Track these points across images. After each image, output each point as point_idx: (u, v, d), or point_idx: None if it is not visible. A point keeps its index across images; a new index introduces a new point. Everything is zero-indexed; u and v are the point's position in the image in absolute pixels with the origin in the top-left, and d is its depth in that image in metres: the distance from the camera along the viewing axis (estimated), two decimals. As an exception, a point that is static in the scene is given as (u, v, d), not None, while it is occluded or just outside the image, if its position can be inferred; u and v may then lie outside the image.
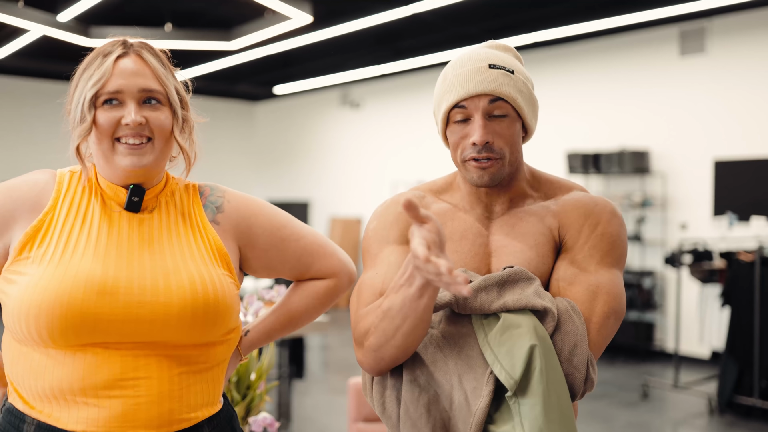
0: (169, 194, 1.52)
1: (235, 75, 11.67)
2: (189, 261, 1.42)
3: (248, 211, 1.57)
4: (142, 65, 1.44)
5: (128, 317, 1.33)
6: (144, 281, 1.36)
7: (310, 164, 13.68)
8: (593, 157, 8.60)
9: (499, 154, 1.42)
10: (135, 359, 1.35)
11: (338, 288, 1.69)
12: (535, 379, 1.26)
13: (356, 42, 9.00)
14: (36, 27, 7.59)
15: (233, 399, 2.31)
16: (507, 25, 8.43)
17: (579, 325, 1.33)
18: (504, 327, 1.31)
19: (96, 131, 1.40)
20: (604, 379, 7.26)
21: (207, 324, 1.39)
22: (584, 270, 1.41)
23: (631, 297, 8.23)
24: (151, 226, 1.45)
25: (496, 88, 1.41)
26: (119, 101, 1.40)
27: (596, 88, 9.08)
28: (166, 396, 1.37)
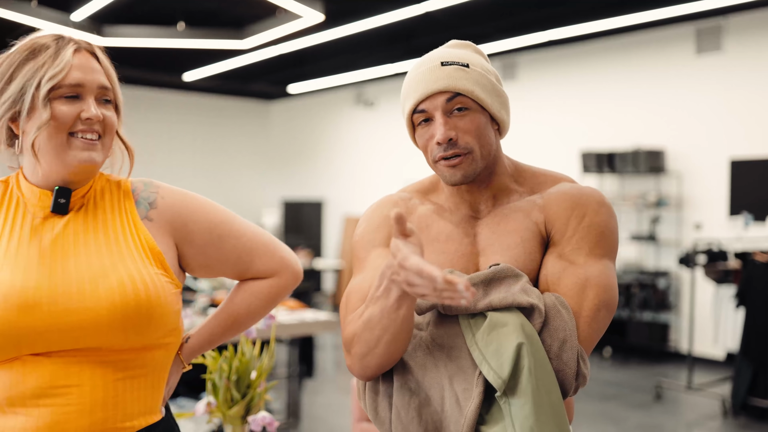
0: (98, 193, 1.46)
1: (249, 74, 11.69)
2: (118, 262, 1.36)
3: (183, 207, 1.50)
4: (96, 62, 1.42)
5: (54, 327, 1.28)
6: (69, 287, 1.31)
7: (324, 163, 13.68)
8: (608, 156, 8.54)
9: (465, 149, 1.40)
10: (66, 367, 1.30)
11: (282, 287, 1.62)
12: (524, 378, 1.24)
13: (370, 41, 8.99)
14: (49, 26, 7.63)
15: (233, 398, 2.30)
16: (519, 23, 8.38)
17: (568, 320, 1.30)
18: (491, 326, 1.29)
19: (51, 125, 1.34)
20: (617, 380, 7.21)
21: (141, 326, 1.33)
22: (572, 263, 1.37)
23: (645, 297, 8.17)
24: (76, 229, 1.39)
25: (450, 83, 1.39)
26: (78, 95, 1.36)
27: (611, 87, 9.02)
28: (99, 404, 1.32)
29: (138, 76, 12.26)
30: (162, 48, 8.89)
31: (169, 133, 13.77)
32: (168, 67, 11.31)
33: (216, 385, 2.28)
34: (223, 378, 2.27)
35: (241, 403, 2.29)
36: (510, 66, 10.13)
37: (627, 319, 8.40)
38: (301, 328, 4.91)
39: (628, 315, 8.37)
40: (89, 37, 6.42)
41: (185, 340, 1.59)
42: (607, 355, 8.40)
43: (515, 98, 10.27)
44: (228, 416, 2.30)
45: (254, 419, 2.29)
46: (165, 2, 7.97)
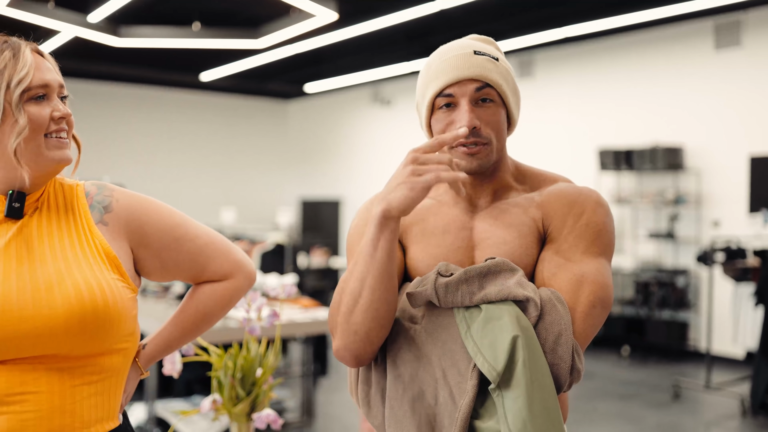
0: (52, 197, 1.44)
1: (266, 73, 11.72)
2: (74, 268, 1.35)
3: (139, 209, 1.49)
4: (49, 63, 1.41)
5: (9, 335, 1.26)
6: (24, 294, 1.29)
7: (341, 162, 13.69)
8: (625, 153, 8.47)
9: (486, 140, 1.41)
10: (22, 374, 1.29)
11: (236, 289, 1.62)
12: (519, 371, 1.23)
13: (386, 39, 8.98)
14: (67, 28, 7.68)
15: (238, 395, 2.30)
16: (536, 20, 8.34)
17: (563, 315, 1.30)
18: (486, 319, 1.28)
19: (29, 128, 1.33)
20: (635, 379, 7.16)
21: (99, 332, 1.32)
22: (569, 259, 1.37)
23: (663, 296, 8.10)
24: (30, 234, 1.37)
25: (483, 73, 1.40)
26: (46, 96, 1.37)
27: (629, 84, 8.95)
28: (57, 411, 1.31)
29: (155, 76, 12.34)
30: (178, 48, 8.93)
31: (187, 132, 13.84)
32: (185, 67, 11.36)
33: (221, 383, 2.29)
34: (228, 375, 2.28)
35: (246, 400, 2.29)
36: (527, 63, 10.09)
37: (645, 317, 8.33)
38: (315, 326, 4.91)
39: (647, 314, 8.31)
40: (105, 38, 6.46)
41: (142, 347, 1.58)
42: (626, 354, 8.33)
43: (532, 96, 10.26)
44: (233, 413, 2.30)
45: (259, 416, 2.30)
46: (180, 3, 8.01)
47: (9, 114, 1.31)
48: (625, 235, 8.97)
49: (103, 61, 10.90)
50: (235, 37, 8.33)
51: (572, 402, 6.32)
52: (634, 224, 8.85)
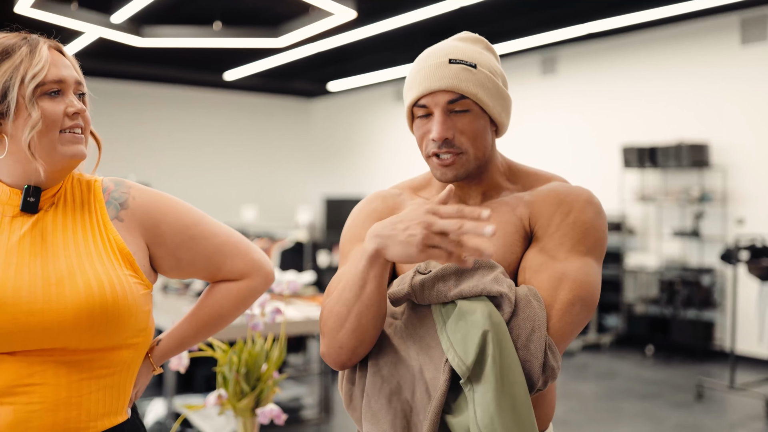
0: (69, 192, 1.46)
1: (289, 72, 11.75)
2: (86, 262, 1.36)
3: (155, 207, 1.50)
4: (67, 60, 1.43)
5: (17, 328, 1.28)
6: (34, 288, 1.30)
7: (365, 160, 13.70)
8: (649, 150, 8.38)
9: (460, 149, 1.40)
10: (30, 366, 1.31)
11: (252, 289, 1.62)
12: (488, 367, 1.22)
13: (407, 37, 8.95)
14: (91, 28, 7.75)
15: (242, 390, 2.31)
16: (559, 16, 8.27)
17: (538, 311, 1.29)
18: (459, 314, 1.28)
19: (43, 123, 1.35)
20: (659, 379, 7.08)
21: (108, 327, 1.33)
22: (552, 258, 1.36)
23: (688, 295, 8.00)
24: (44, 228, 1.39)
25: (455, 84, 1.38)
26: (60, 91, 1.38)
27: (653, 80, 8.85)
28: (62, 404, 1.32)
29: (179, 75, 12.43)
30: (201, 48, 8.98)
31: (212, 131, 13.93)
32: (208, 66, 11.43)
33: (226, 378, 2.30)
34: (233, 371, 2.29)
35: (251, 395, 2.30)
36: (549, 60, 10.02)
37: (670, 317, 8.23)
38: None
39: (672, 313, 8.21)
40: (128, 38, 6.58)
41: (156, 343, 1.59)
42: (650, 354, 8.24)
43: (555, 93, 10.19)
44: (238, 408, 2.31)
45: (262, 412, 2.30)
46: (201, 3, 8.05)
47: (23, 108, 1.33)
48: (649, 234, 8.88)
49: (128, 61, 11.00)
50: (256, 36, 8.37)
51: (594, 401, 6.28)
52: (658, 222, 8.75)
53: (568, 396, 6.50)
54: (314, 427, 5.32)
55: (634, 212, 9.01)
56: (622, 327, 8.80)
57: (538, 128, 10.14)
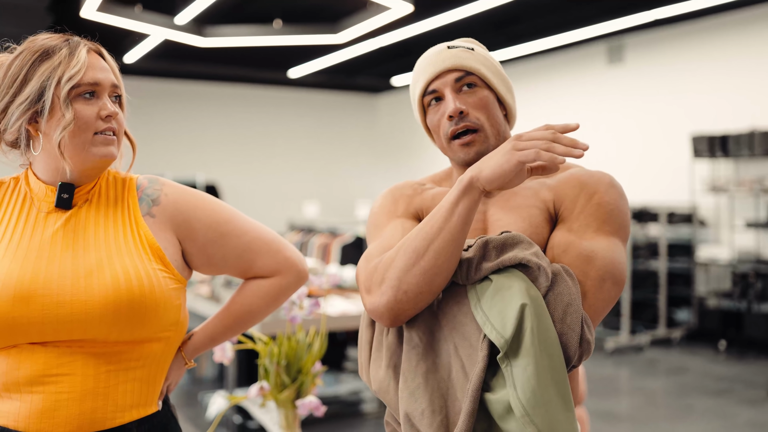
0: (103, 188, 1.50)
1: (353, 68, 11.81)
2: (115, 256, 1.39)
3: (186, 204, 1.52)
4: (106, 63, 1.46)
5: (47, 318, 1.32)
6: (64, 280, 1.34)
7: (429, 155, 13.67)
8: (721, 139, 8.14)
9: (476, 124, 1.46)
10: (59, 356, 1.34)
11: (284, 286, 1.63)
12: (527, 339, 1.23)
13: (470, 28, 8.88)
14: (155, 30, 7.92)
15: (283, 382, 2.33)
16: (624, 3, 8.09)
17: (572, 286, 1.30)
18: (495, 290, 1.29)
19: (74, 124, 1.38)
20: (730, 374, 6.88)
21: (134, 320, 1.36)
22: (580, 237, 1.38)
23: (763, 288, 7.76)
24: (77, 223, 1.43)
25: (458, 62, 1.47)
26: (95, 94, 1.41)
27: (724, 66, 8.59)
28: (89, 394, 1.35)
29: (243, 74, 12.62)
30: (263, 46, 9.09)
31: (277, 128, 14.11)
32: (272, 64, 11.57)
33: (267, 370, 2.32)
34: (274, 363, 2.31)
35: (292, 387, 2.32)
36: (616, 48, 9.82)
37: (744, 311, 7.98)
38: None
39: (745, 307, 7.96)
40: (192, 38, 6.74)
41: (188, 338, 1.62)
42: (722, 349, 8.01)
43: (622, 82, 10.00)
44: (279, 400, 2.34)
45: (302, 403, 2.32)
46: (261, 2, 8.15)
47: (57, 108, 1.37)
48: (721, 225, 8.62)
49: (192, 61, 11.21)
50: (316, 33, 8.43)
51: (664, 397, 6.14)
52: (730, 213, 8.49)
53: (636, 392, 6.38)
54: (373, 421, 5.33)
55: (705, 203, 8.77)
56: (693, 321, 8.57)
57: (605, 118, 9.96)
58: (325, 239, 8.17)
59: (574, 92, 10.46)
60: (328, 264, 7.54)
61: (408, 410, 1.33)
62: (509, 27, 9.13)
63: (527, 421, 1.19)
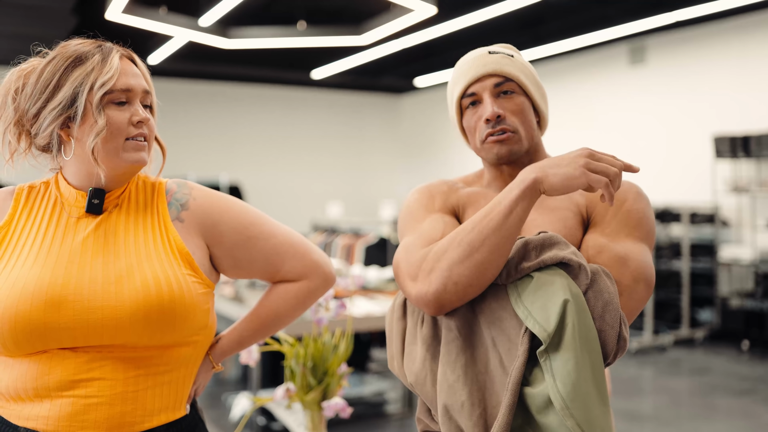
0: (133, 192, 1.51)
1: (377, 69, 11.81)
2: (145, 262, 1.40)
3: (214, 208, 1.54)
4: (139, 69, 1.47)
5: (78, 324, 1.33)
6: (95, 286, 1.35)
7: (453, 155, 13.66)
8: (743, 139, 8.10)
9: (512, 128, 1.51)
10: (89, 361, 1.35)
11: (311, 290, 1.65)
12: (568, 335, 1.27)
13: (495, 29, 8.88)
14: (180, 32, 7.99)
15: (309, 384, 2.35)
16: (648, 4, 8.06)
17: (610, 285, 1.35)
18: (537, 285, 1.33)
19: (106, 130, 1.40)
20: (754, 374, 6.86)
21: (164, 325, 1.37)
22: (613, 241, 1.43)
23: (786, 288, 7.71)
24: (108, 229, 1.44)
25: (498, 68, 1.52)
26: (127, 101, 1.42)
27: (746, 66, 8.54)
28: (119, 398, 1.36)
29: (267, 75, 12.66)
30: (287, 48, 9.13)
31: (302, 129, 14.14)
32: (296, 65, 11.60)
33: (293, 371, 2.35)
34: (300, 364, 2.34)
35: (318, 388, 2.35)
36: (639, 50, 9.79)
37: (766, 311, 7.95)
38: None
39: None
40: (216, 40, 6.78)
41: (216, 341, 1.62)
42: (745, 349, 7.98)
43: (644, 83, 9.94)
44: (305, 402, 2.37)
45: (328, 405, 2.35)
46: (285, 3, 8.19)
47: (90, 114, 1.39)
48: (743, 225, 8.58)
49: (217, 63, 11.27)
50: (340, 34, 8.46)
51: (688, 397, 6.14)
52: (752, 214, 8.44)
53: (660, 391, 6.38)
54: (398, 422, 5.37)
55: (728, 203, 8.73)
56: (716, 321, 8.54)
57: (627, 118, 9.93)
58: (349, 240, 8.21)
59: (597, 93, 10.43)
60: (352, 265, 7.58)
61: (447, 402, 1.36)
62: (533, 28, 9.12)
63: (567, 414, 1.22)
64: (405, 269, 1.43)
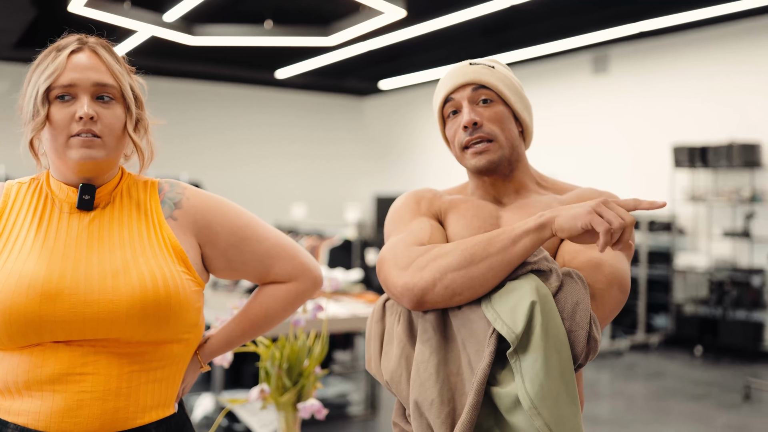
0: (125, 190, 1.51)
1: (341, 70, 11.82)
2: (140, 257, 1.40)
3: (207, 208, 1.54)
4: (96, 60, 1.42)
5: (74, 317, 1.32)
6: (91, 280, 1.35)
7: (416, 158, 13.72)
8: (701, 150, 8.29)
9: (490, 135, 1.54)
10: (83, 355, 1.35)
11: (300, 292, 1.66)
12: (536, 336, 1.29)
13: (460, 35, 8.95)
14: (143, 27, 7.90)
15: (284, 385, 2.36)
16: (611, 15, 8.20)
17: (581, 287, 1.37)
18: (507, 290, 1.36)
19: (50, 127, 1.38)
20: (707, 379, 7.01)
21: (159, 321, 1.37)
22: (588, 247, 1.45)
23: (739, 296, 7.90)
24: (101, 224, 1.44)
25: (477, 77, 1.56)
26: (72, 96, 1.39)
27: (705, 79, 8.73)
28: (112, 393, 1.36)
29: (231, 73, 12.57)
30: (252, 46, 9.09)
31: (264, 129, 14.07)
32: (260, 64, 11.55)
33: (269, 373, 2.35)
34: (275, 366, 2.35)
35: (293, 390, 2.35)
36: (601, 59, 9.94)
37: (719, 317, 8.13)
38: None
39: (721, 314, 8.11)
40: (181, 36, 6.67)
41: (204, 341, 1.63)
42: (698, 354, 8.15)
43: (606, 92, 10.09)
44: (280, 403, 2.37)
45: (303, 406, 2.36)
46: (252, 1, 8.16)
47: (37, 111, 1.38)
48: (699, 234, 8.77)
49: (180, 60, 11.16)
50: (307, 35, 8.44)
51: (643, 401, 6.25)
52: (708, 222, 8.64)
53: (616, 396, 6.49)
54: (360, 424, 5.39)
55: (685, 212, 8.91)
56: (671, 327, 8.71)
57: (589, 127, 10.07)
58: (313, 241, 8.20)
59: (560, 101, 10.55)
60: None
61: (418, 399, 1.38)
62: (497, 34, 9.21)
63: (534, 413, 1.25)
64: (392, 260, 1.45)
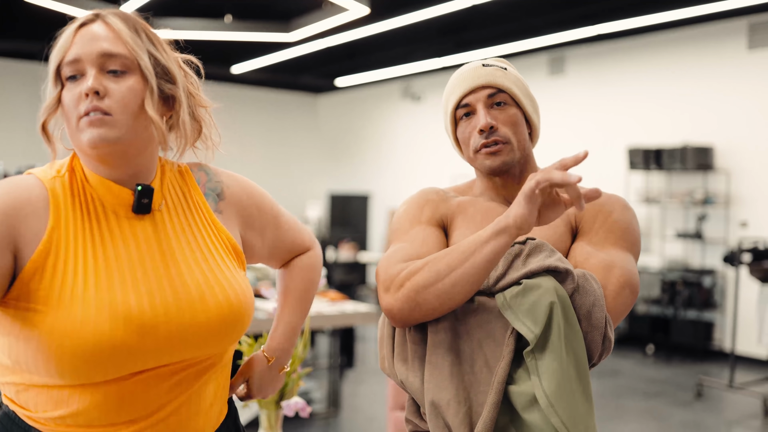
0: (169, 185, 1.37)
1: (297, 67, 11.77)
2: (214, 268, 1.31)
3: (245, 193, 1.47)
4: (105, 30, 1.22)
5: (169, 345, 1.22)
6: (180, 302, 1.24)
7: (371, 157, 13.74)
8: (655, 152, 8.45)
9: (504, 139, 1.55)
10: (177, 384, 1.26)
11: (318, 256, 1.64)
12: (554, 336, 1.32)
13: (418, 34, 8.99)
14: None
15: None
16: (569, 17, 8.32)
17: (597, 289, 1.39)
18: (525, 290, 1.37)
19: (63, 112, 1.22)
20: (660, 377, 7.16)
21: (237, 334, 1.31)
22: (600, 249, 1.48)
23: (690, 296, 8.08)
24: (163, 230, 1.30)
25: (492, 79, 1.56)
26: (81, 74, 1.21)
27: (660, 82, 8.90)
28: (193, 413, 1.30)
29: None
30: (210, 40, 9.01)
31: (217, 125, 13.89)
32: (216, 59, 11.44)
33: (251, 371, 2.34)
34: (258, 363, 2.33)
35: (276, 388, 2.35)
36: (558, 60, 10.07)
37: (671, 317, 8.31)
38: (342, 319, 4.97)
39: (673, 313, 8.29)
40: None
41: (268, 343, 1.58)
42: (650, 353, 8.32)
43: (562, 93, 10.21)
44: (262, 401, 2.36)
45: (287, 404, 2.35)
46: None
47: (50, 93, 1.23)
48: (652, 235, 8.94)
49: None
50: (267, 30, 8.39)
51: (599, 399, 6.34)
52: (662, 224, 8.82)
53: (570, 394, 6.55)
54: (323, 421, 5.39)
55: (639, 213, 9.06)
56: (623, 326, 8.87)
57: (545, 128, 10.15)
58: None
59: (515, 100, 10.63)
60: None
61: (435, 399, 1.40)
62: (456, 34, 9.26)
63: (551, 411, 1.28)
64: (382, 279, 1.47)
